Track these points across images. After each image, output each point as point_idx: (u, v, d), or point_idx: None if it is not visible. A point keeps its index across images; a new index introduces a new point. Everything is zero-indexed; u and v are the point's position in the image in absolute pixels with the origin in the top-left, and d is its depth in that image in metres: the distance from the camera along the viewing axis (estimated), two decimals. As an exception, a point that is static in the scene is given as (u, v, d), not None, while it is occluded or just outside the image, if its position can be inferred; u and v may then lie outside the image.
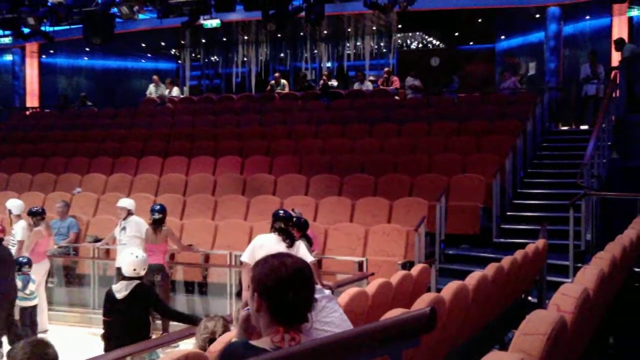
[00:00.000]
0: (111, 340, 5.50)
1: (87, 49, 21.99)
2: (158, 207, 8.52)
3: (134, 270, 5.64)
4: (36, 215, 8.64)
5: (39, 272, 8.34)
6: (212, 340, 3.82)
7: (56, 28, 15.46)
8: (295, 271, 2.05)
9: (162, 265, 8.17)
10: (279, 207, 8.53)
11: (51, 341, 3.30)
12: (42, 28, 14.65)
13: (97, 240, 10.14)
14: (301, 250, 6.54)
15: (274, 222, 6.56)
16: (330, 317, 2.88)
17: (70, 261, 10.17)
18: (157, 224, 8.29)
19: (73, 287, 9.94)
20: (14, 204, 8.94)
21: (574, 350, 2.83)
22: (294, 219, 6.95)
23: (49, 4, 14.21)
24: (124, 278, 5.64)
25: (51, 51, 22.31)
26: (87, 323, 8.94)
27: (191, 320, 5.71)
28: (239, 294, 7.86)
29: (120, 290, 5.58)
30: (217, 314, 4.14)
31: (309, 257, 6.56)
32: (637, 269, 5.63)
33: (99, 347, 5.98)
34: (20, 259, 7.75)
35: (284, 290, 2.02)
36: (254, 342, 2.03)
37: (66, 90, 22.38)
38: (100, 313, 8.26)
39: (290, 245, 6.44)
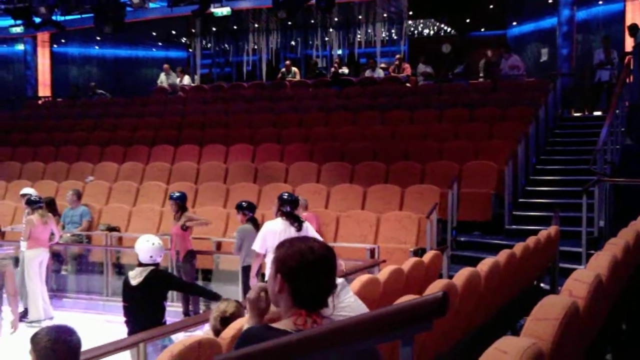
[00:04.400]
0: (130, 326, 5.59)
1: (98, 38, 22.07)
2: None
3: (150, 257, 5.67)
4: (30, 205, 8.70)
5: (31, 259, 8.39)
6: (222, 318, 3.86)
7: (67, 17, 15.49)
8: (321, 256, 2.06)
9: None
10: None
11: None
12: (53, 17, 14.68)
13: (109, 228, 10.21)
14: (310, 233, 6.55)
15: (281, 206, 6.54)
16: (346, 302, 2.90)
17: (83, 249, 10.24)
18: None
19: (86, 274, 10.02)
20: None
21: (586, 335, 2.82)
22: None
23: (60, -7, 14.25)
24: (140, 265, 5.67)
25: (62, 40, 22.39)
26: (101, 310, 9.02)
27: (212, 295, 5.83)
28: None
29: (136, 277, 5.63)
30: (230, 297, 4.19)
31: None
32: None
33: (113, 333, 6.06)
34: None
35: (308, 274, 2.03)
36: (275, 325, 2.04)
37: (77, 80, 22.47)
38: (113, 300, 8.41)
39: (299, 228, 6.45)
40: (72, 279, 9.98)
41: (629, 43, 13.27)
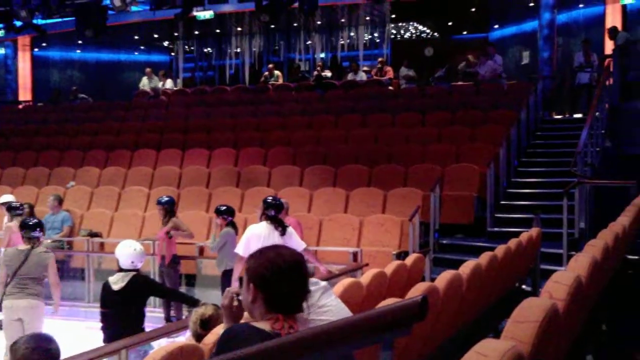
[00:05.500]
0: (108, 332, 5.54)
1: (80, 42, 21.91)
2: None
3: (132, 262, 5.64)
4: (10, 211, 8.62)
5: None
6: (202, 321, 3.88)
7: (48, 21, 15.38)
8: (292, 262, 2.09)
9: None
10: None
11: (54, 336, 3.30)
12: (34, 21, 14.57)
13: (91, 234, 10.13)
14: (294, 237, 6.57)
15: (265, 210, 6.53)
16: (328, 306, 2.90)
17: (64, 255, 10.14)
18: None
19: (67, 281, 9.92)
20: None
21: (566, 337, 2.84)
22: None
23: (40, -4, 14.13)
24: (121, 270, 5.64)
25: (43, 44, 22.22)
26: (82, 317, 8.94)
27: (194, 301, 5.83)
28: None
29: (117, 282, 5.59)
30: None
31: (302, 244, 6.62)
32: (630, 256, 5.65)
33: (94, 340, 6.04)
34: None
35: (281, 280, 2.05)
36: (255, 324, 2.05)
37: (59, 84, 22.30)
38: (95, 307, 8.33)
39: (283, 233, 6.46)
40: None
41: (609, 46, 13.40)
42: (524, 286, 6.84)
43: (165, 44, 23.92)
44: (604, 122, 10.94)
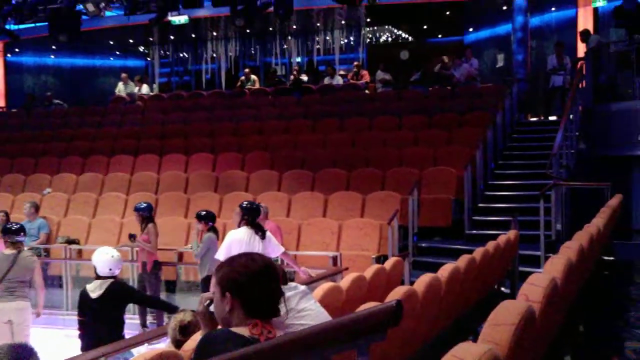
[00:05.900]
0: (86, 339, 5.49)
1: (54, 47, 21.71)
2: None
3: (109, 269, 5.59)
4: None
5: None
6: (181, 327, 3.88)
7: (21, 26, 15.21)
8: (263, 264, 2.11)
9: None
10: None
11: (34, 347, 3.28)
12: (7, 26, 14.41)
13: (69, 240, 10.04)
14: (272, 241, 6.59)
15: (244, 215, 6.52)
16: (306, 311, 2.90)
17: (42, 262, 10.03)
18: None
19: (45, 288, 9.80)
20: None
21: (543, 339, 2.87)
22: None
23: (13, 2, 13.99)
24: (98, 277, 5.59)
25: (17, 50, 21.98)
26: (60, 325, 8.85)
27: (173, 308, 5.81)
28: None
29: (95, 289, 5.54)
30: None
31: (280, 248, 6.66)
32: (605, 257, 5.72)
33: (73, 348, 5.98)
34: None
35: (257, 284, 2.07)
36: (233, 329, 2.06)
37: (33, 89, 22.03)
38: (73, 314, 8.25)
39: (263, 237, 6.47)
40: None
41: (581, 48, 13.56)
42: (502, 288, 6.90)
43: (141, 49, 23.78)
44: (578, 125, 11.07)
